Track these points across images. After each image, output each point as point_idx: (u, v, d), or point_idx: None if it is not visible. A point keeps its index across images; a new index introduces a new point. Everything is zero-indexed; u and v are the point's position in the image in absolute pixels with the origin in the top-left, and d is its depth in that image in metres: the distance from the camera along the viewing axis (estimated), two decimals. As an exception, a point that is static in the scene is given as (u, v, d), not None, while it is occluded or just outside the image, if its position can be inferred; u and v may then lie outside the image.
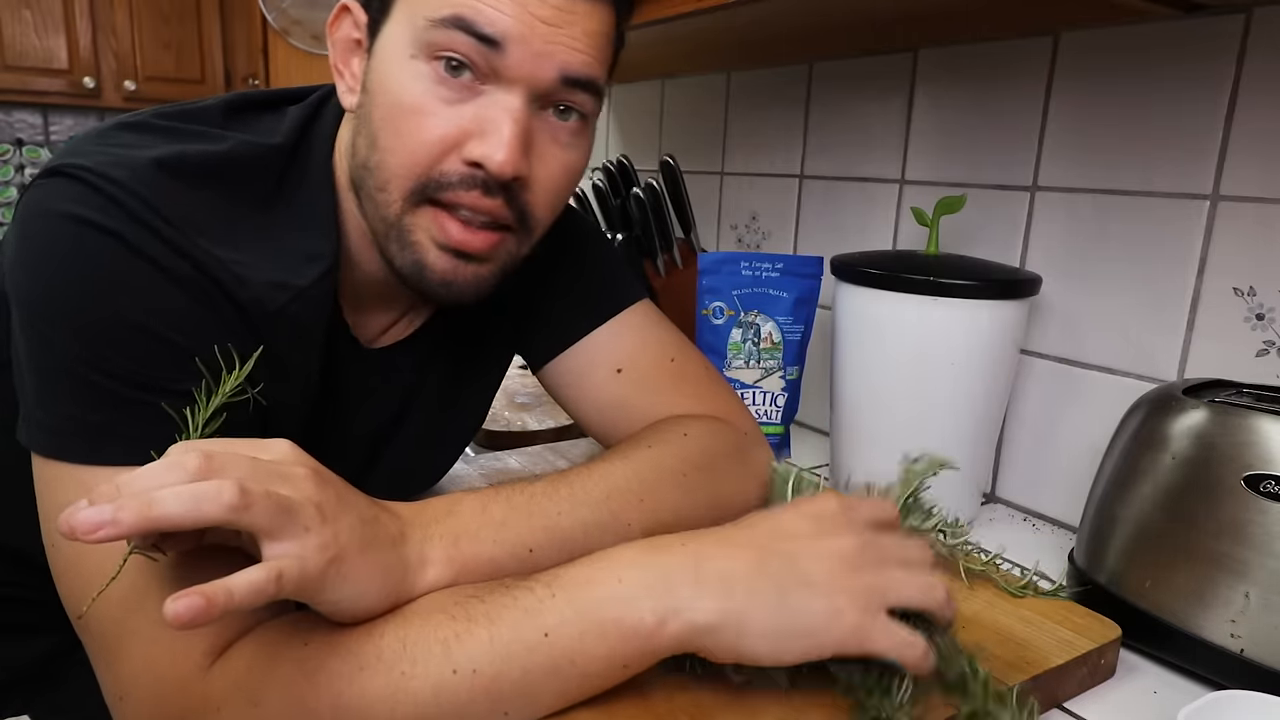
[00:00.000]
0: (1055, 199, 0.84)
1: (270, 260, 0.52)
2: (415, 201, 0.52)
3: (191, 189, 0.50)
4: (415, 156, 0.51)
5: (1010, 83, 0.86)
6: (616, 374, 0.69)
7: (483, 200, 0.52)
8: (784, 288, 0.90)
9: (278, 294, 0.52)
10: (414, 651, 0.43)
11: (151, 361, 0.47)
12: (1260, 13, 0.68)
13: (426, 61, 0.51)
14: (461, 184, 0.52)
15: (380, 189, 0.53)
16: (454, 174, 0.51)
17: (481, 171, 0.51)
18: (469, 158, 0.51)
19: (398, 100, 0.51)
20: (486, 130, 0.51)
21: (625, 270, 0.75)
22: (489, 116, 0.51)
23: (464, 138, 0.51)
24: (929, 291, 0.75)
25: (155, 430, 0.46)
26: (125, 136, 0.52)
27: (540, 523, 0.51)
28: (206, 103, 0.57)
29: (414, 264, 0.54)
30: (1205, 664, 0.57)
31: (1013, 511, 0.89)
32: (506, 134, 0.50)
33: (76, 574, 0.46)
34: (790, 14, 0.94)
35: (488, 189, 0.52)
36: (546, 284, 0.70)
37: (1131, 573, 0.61)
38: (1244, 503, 0.55)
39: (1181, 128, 0.74)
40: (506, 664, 0.43)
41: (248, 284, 0.50)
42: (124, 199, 0.47)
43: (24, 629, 0.67)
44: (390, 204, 0.53)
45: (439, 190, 0.52)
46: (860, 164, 1.03)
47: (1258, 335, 0.70)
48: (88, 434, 0.46)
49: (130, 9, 2.69)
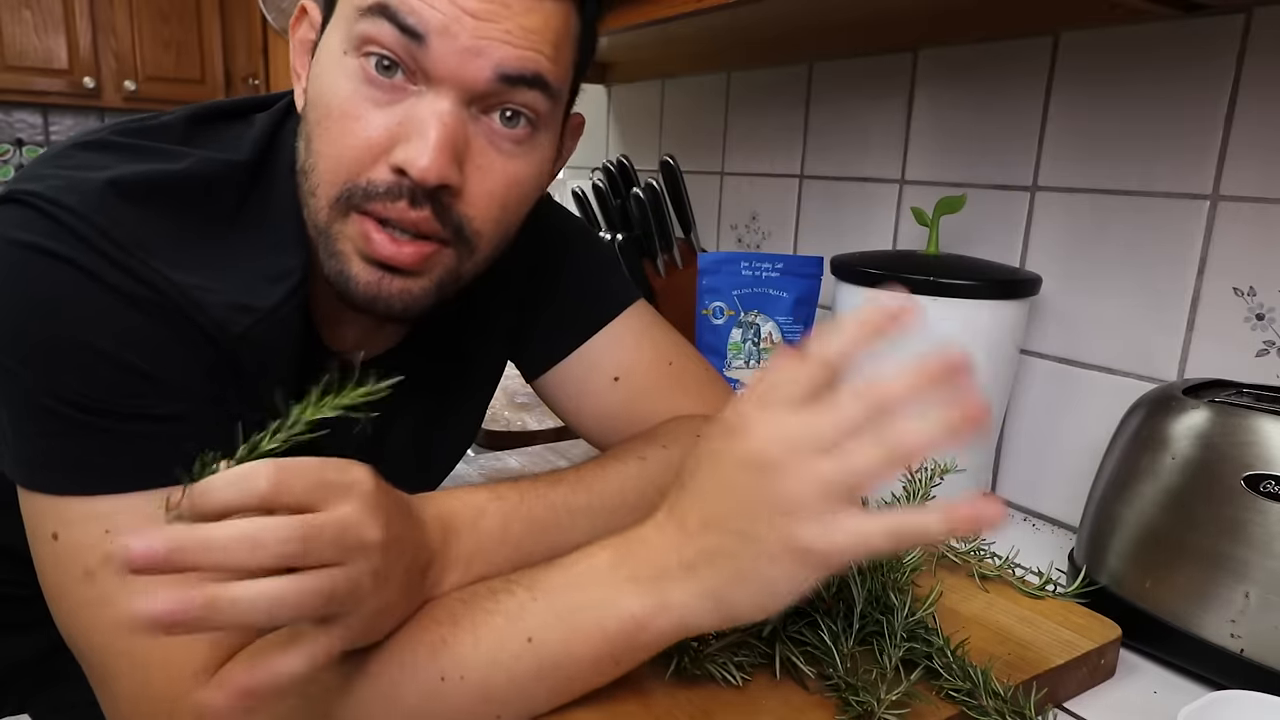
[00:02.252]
0: (1055, 199, 0.84)
1: (232, 282, 0.50)
2: (342, 209, 0.49)
3: (146, 211, 0.48)
4: (341, 161, 0.49)
5: (1010, 83, 0.86)
6: (614, 382, 0.68)
7: (409, 212, 0.48)
8: (784, 288, 0.90)
9: (241, 317, 0.49)
10: (402, 658, 0.43)
11: (115, 388, 0.45)
12: (1260, 13, 0.68)
13: (357, 58, 0.48)
14: (388, 193, 0.48)
15: (311, 194, 0.51)
16: (381, 182, 0.48)
17: (407, 179, 0.47)
18: (394, 163, 0.48)
19: (328, 102, 0.49)
20: (411, 134, 0.47)
21: (616, 272, 0.73)
22: (416, 119, 0.47)
23: (391, 142, 0.48)
24: (929, 291, 0.75)
25: (129, 457, 0.46)
26: (80, 157, 0.50)
27: (556, 540, 0.51)
28: (170, 116, 0.55)
29: (339, 274, 0.51)
30: (1205, 664, 0.57)
31: (1013, 511, 0.89)
32: (432, 138, 0.46)
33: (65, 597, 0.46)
34: (790, 14, 0.94)
35: (414, 199, 0.48)
36: (532, 294, 0.68)
37: (1131, 573, 0.61)
38: (1244, 503, 0.55)
39: (1181, 128, 0.74)
40: (493, 669, 0.43)
41: (206, 308, 0.48)
42: (74, 224, 0.45)
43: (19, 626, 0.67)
44: (319, 210, 0.50)
45: (366, 200, 0.48)
46: (860, 164, 1.03)
47: (1258, 335, 0.70)
48: (60, 465, 0.46)
49: (130, 9, 2.69)
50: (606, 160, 1.18)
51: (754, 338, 0.90)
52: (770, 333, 0.90)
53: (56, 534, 0.46)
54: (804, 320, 0.91)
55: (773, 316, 0.90)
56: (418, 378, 0.66)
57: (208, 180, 0.51)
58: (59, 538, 0.46)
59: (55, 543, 0.46)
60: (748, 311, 0.90)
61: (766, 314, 0.90)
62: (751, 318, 0.90)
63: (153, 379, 0.46)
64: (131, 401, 0.46)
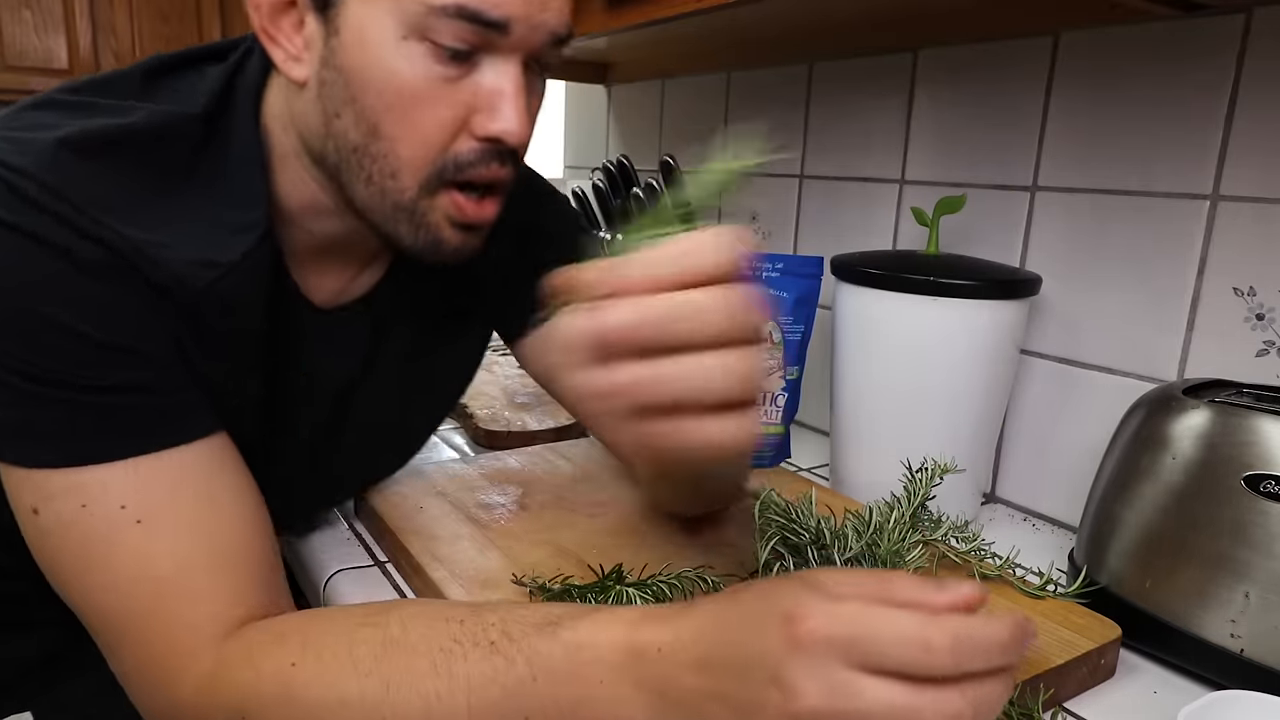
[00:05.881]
0: (1055, 199, 0.84)
1: (192, 237, 0.49)
2: (432, 187, 0.52)
3: (98, 167, 0.47)
4: (429, 143, 0.51)
5: (1010, 83, 0.86)
6: None
7: (500, 171, 0.53)
8: (784, 288, 0.90)
9: (204, 272, 0.49)
10: (395, 698, 0.42)
11: (72, 358, 0.45)
12: (1260, 13, 0.68)
13: (422, 43, 0.49)
14: (480, 160, 0.52)
15: (390, 175, 0.52)
16: (470, 153, 0.52)
17: (495, 145, 0.52)
18: (483, 134, 0.51)
19: (396, 87, 0.50)
20: (495, 104, 0.51)
21: (586, 232, 0.76)
22: (495, 89, 0.51)
23: (469, 114, 0.51)
24: (929, 291, 0.75)
25: (93, 429, 0.46)
26: (30, 116, 0.49)
27: None
28: (125, 70, 0.54)
29: (430, 243, 0.54)
30: (1205, 664, 0.57)
31: (1013, 511, 0.89)
32: (518, 105, 0.51)
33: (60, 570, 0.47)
34: (790, 14, 0.94)
35: (501, 160, 0.52)
36: (514, 252, 0.70)
37: (1131, 573, 0.61)
38: (1244, 503, 0.55)
39: (1182, 128, 0.74)
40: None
41: (165, 265, 0.47)
42: (23, 186, 0.44)
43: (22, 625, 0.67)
44: (403, 190, 0.52)
45: (457, 172, 0.52)
46: (860, 164, 1.03)
47: (1258, 335, 0.70)
48: (30, 438, 0.46)
49: (130, 9, 2.69)
50: (606, 160, 1.18)
51: (754, 338, 0.90)
52: (770, 333, 0.90)
53: (36, 509, 0.46)
54: (804, 320, 0.91)
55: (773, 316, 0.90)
56: (397, 317, 0.66)
57: (160, 133, 0.50)
58: (39, 512, 0.46)
59: (36, 517, 0.46)
60: (748, 311, 0.90)
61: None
62: (751, 318, 0.90)
63: (110, 347, 0.46)
64: (90, 372, 0.46)
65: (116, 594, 0.46)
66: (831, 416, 0.89)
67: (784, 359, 0.91)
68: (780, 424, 0.92)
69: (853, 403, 0.84)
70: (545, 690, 0.40)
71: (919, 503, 0.67)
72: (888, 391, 0.80)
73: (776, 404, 0.91)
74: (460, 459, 0.89)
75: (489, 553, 0.67)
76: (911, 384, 0.79)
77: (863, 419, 0.84)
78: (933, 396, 0.78)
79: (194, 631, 0.46)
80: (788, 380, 0.91)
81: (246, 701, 0.44)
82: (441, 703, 0.41)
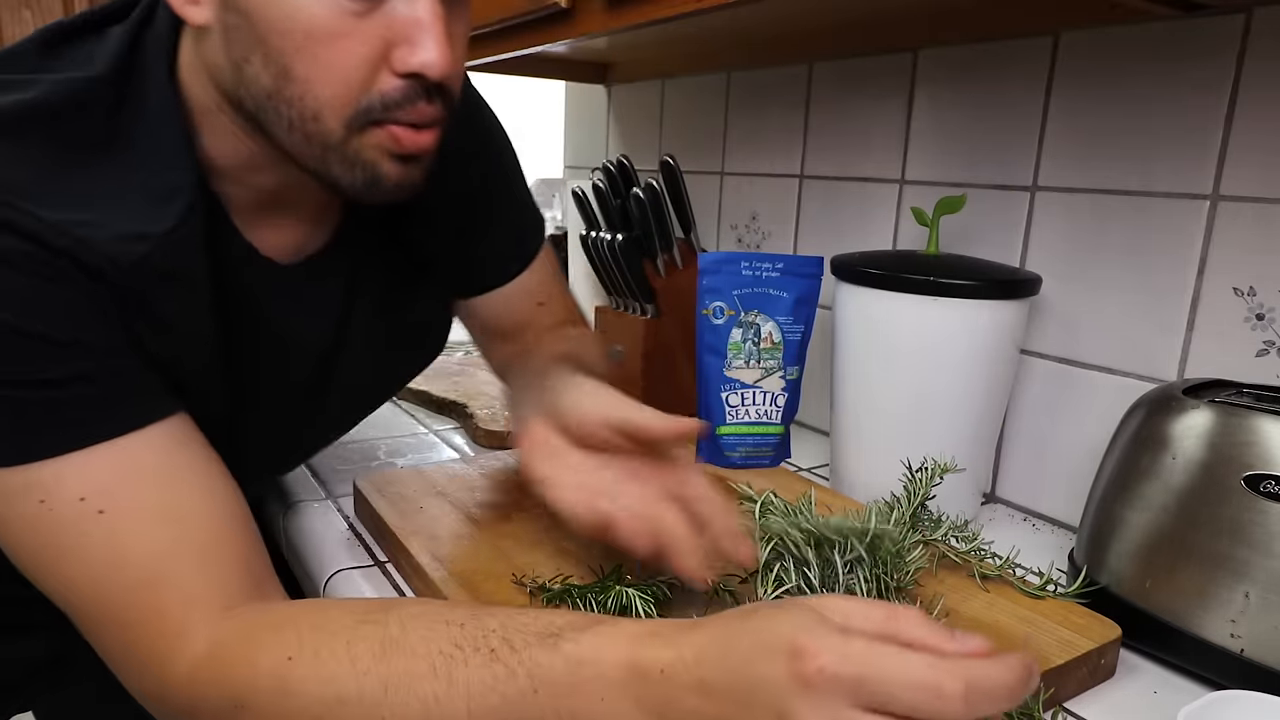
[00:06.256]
0: (1055, 199, 0.84)
1: (117, 211, 0.47)
2: (358, 126, 0.50)
3: (4, 147, 0.45)
4: (347, 83, 0.48)
5: (1010, 83, 0.86)
6: (539, 307, 0.75)
7: (427, 108, 0.50)
8: (784, 288, 0.90)
9: (135, 246, 0.47)
10: (394, 700, 0.41)
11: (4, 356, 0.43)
12: (1260, 13, 0.68)
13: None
14: (406, 99, 0.49)
15: (311, 118, 0.49)
16: (395, 92, 0.49)
17: (418, 80, 0.49)
18: (404, 69, 0.48)
19: (304, 26, 0.46)
20: (412, 36, 0.47)
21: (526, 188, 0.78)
22: (411, 20, 0.47)
23: (387, 49, 0.48)
24: (929, 291, 0.75)
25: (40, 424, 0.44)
26: None
27: None
28: (18, 45, 0.51)
29: (368, 180, 0.52)
30: (1205, 664, 0.57)
31: (1013, 511, 0.89)
32: (438, 34, 0.47)
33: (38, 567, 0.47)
34: (790, 14, 0.94)
35: (429, 95, 0.50)
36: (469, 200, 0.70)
37: (1132, 573, 0.61)
38: (1244, 503, 0.55)
39: (1181, 128, 0.74)
40: None
41: (92, 244, 0.45)
42: None
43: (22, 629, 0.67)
44: (329, 133, 0.50)
45: (384, 111, 0.49)
46: (860, 164, 1.03)
47: (1258, 335, 0.70)
48: None
49: (130, 9, 2.69)
50: (606, 160, 1.18)
51: (754, 338, 0.90)
52: (770, 333, 0.90)
53: None
54: (804, 320, 0.91)
55: (773, 316, 0.90)
56: (363, 265, 0.65)
57: (66, 104, 0.48)
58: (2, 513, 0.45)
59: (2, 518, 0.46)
60: (748, 311, 0.90)
61: (767, 314, 0.90)
62: (752, 318, 0.90)
63: (46, 340, 0.44)
64: (27, 367, 0.44)
65: (94, 584, 0.46)
66: (831, 416, 0.89)
67: (784, 359, 0.91)
68: (780, 424, 0.92)
69: (853, 403, 0.84)
70: (546, 703, 0.40)
71: (919, 502, 0.67)
72: (888, 391, 0.81)
73: (777, 404, 0.91)
74: (460, 459, 0.89)
75: (489, 553, 0.67)
76: (911, 384, 0.79)
77: (863, 419, 0.84)
78: (933, 396, 0.78)
79: (178, 613, 0.46)
80: (788, 380, 0.91)
81: (242, 694, 0.44)
82: (440, 706, 0.41)
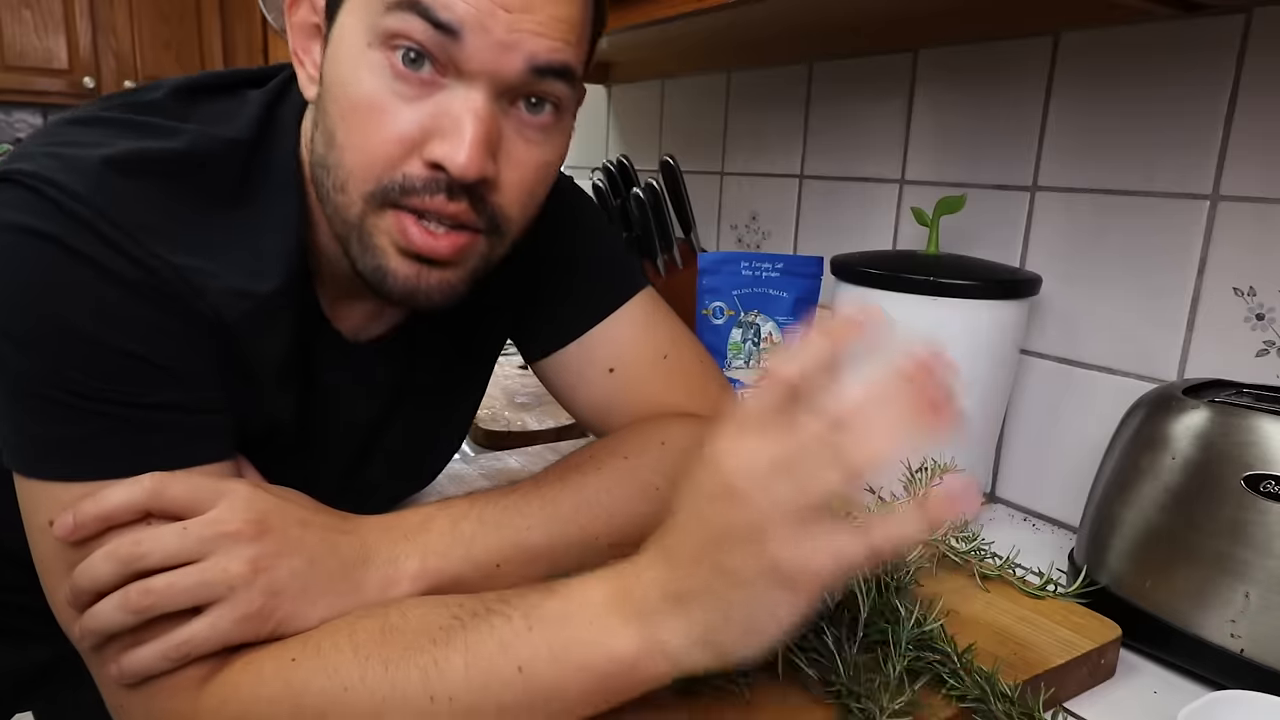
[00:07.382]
0: (1055, 199, 0.84)
1: (230, 265, 0.49)
2: (377, 205, 0.49)
3: (145, 190, 0.47)
4: (373, 157, 0.48)
5: (1010, 83, 0.86)
6: (609, 374, 0.68)
7: (447, 205, 0.48)
8: (784, 288, 0.90)
9: (240, 302, 0.49)
10: (394, 675, 0.42)
11: (112, 375, 0.45)
12: (1260, 13, 0.68)
13: (383, 51, 0.47)
14: (425, 188, 0.48)
15: (339, 189, 0.50)
16: (417, 178, 0.48)
17: (444, 174, 0.47)
18: (429, 158, 0.47)
19: (353, 95, 0.48)
20: (447, 130, 0.47)
21: (625, 257, 0.72)
22: (450, 114, 0.47)
23: (425, 137, 0.47)
24: (929, 291, 0.75)
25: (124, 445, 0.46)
26: (73, 133, 0.49)
27: (509, 538, 0.52)
28: (155, 93, 0.53)
29: (375, 269, 0.50)
30: (1205, 664, 0.57)
31: (1013, 511, 0.89)
32: (469, 134, 0.46)
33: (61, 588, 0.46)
34: (790, 14, 0.94)
35: (451, 192, 0.48)
36: (542, 276, 0.68)
37: (1132, 573, 0.61)
38: (1244, 503, 0.55)
39: (1181, 128, 0.74)
40: (482, 696, 0.42)
41: (206, 293, 0.47)
42: (67, 203, 0.44)
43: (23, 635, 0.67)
44: (350, 205, 0.50)
45: (403, 195, 0.48)
46: (860, 164, 1.03)
47: (1258, 335, 0.70)
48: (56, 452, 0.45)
49: (130, 9, 2.69)
50: (606, 160, 1.18)
51: (754, 338, 0.90)
52: (770, 333, 0.90)
53: (53, 521, 0.46)
54: (804, 320, 0.91)
55: (773, 316, 0.90)
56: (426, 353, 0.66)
57: (207, 158, 0.50)
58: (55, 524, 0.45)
59: (50, 530, 0.46)
60: (748, 311, 0.90)
61: (766, 314, 0.90)
62: (751, 318, 0.90)
63: (149, 364, 0.46)
64: (128, 389, 0.45)
65: None
66: (831, 416, 0.89)
67: (784, 359, 0.91)
68: (780, 424, 0.92)
69: (853, 403, 0.84)
70: (539, 638, 0.43)
71: None
72: (888, 391, 0.80)
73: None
74: (460, 459, 0.89)
75: (489, 553, 0.66)
76: (911, 384, 0.79)
77: (863, 419, 0.84)
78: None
79: None
80: (788, 380, 0.91)
81: (248, 705, 0.44)
82: (439, 668, 0.43)
